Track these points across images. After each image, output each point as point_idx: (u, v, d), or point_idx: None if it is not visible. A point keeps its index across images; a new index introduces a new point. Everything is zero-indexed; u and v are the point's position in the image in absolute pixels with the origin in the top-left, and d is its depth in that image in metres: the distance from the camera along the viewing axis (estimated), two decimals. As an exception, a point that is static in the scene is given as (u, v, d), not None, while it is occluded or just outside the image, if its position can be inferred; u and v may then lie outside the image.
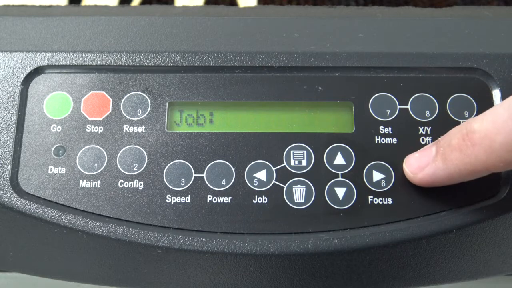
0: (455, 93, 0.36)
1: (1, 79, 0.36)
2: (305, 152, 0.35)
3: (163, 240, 0.33)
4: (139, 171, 0.35)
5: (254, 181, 0.35)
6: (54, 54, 0.37)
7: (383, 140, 0.35)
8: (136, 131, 0.36)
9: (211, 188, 0.35)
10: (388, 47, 0.37)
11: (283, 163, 0.35)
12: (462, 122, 0.35)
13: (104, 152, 0.35)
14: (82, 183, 0.35)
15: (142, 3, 0.64)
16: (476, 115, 0.34)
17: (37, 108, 0.36)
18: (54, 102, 0.36)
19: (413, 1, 0.62)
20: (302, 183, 0.35)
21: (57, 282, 0.39)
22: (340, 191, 0.35)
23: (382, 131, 0.35)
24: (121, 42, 0.38)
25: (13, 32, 0.38)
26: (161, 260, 0.35)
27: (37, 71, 0.37)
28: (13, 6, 0.43)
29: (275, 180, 0.35)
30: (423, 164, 0.33)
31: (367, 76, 0.36)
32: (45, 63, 0.37)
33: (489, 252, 0.36)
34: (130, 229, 0.34)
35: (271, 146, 0.35)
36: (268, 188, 0.35)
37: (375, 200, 0.34)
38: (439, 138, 0.33)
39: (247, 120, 0.36)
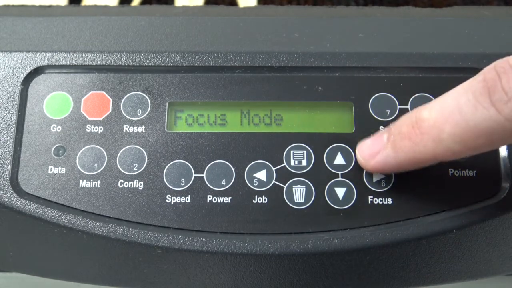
0: (455, 93, 0.36)
1: (1, 79, 0.36)
2: (305, 152, 0.35)
3: (163, 240, 0.33)
4: (139, 171, 0.35)
5: (254, 181, 0.35)
6: (54, 54, 0.37)
7: (383, 140, 0.35)
8: (136, 131, 0.36)
9: (211, 188, 0.35)
10: (388, 47, 0.37)
11: (283, 163, 0.35)
12: None
13: (104, 152, 0.35)
14: (82, 183, 0.35)
15: (142, 3, 0.64)
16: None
17: (37, 108, 0.36)
18: (54, 102, 0.36)
19: (413, 1, 0.62)
20: (302, 183, 0.35)
21: (57, 282, 0.39)
22: (340, 191, 0.35)
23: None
24: (121, 42, 0.38)
25: (13, 32, 0.38)
26: (161, 260, 0.35)
27: (37, 71, 0.37)
28: (13, 6, 0.43)
29: (275, 180, 0.35)
30: (375, 151, 0.33)
31: (367, 76, 0.36)
32: (45, 63, 0.37)
33: (489, 252, 0.36)
34: (130, 229, 0.34)
35: (271, 146, 0.35)
36: (268, 188, 0.35)
37: (375, 200, 0.34)
38: (391, 125, 0.33)
39: (247, 120, 0.36)
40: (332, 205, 0.34)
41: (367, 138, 0.34)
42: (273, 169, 0.35)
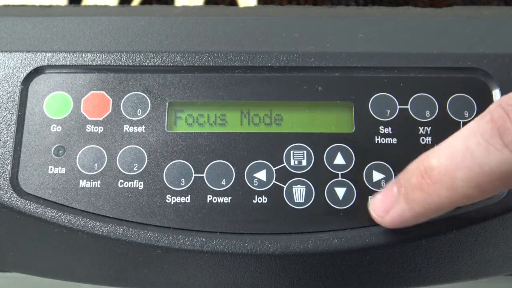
0: (455, 93, 0.36)
1: (1, 79, 0.36)
2: (305, 152, 0.35)
3: (163, 240, 0.33)
4: (139, 171, 0.35)
5: (254, 181, 0.35)
6: (54, 54, 0.37)
7: (383, 140, 0.35)
8: (136, 131, 0.36)
9: (211, 188, 0.35)
10: (388, 47, 0.37)
11: (283, 163, 0.35)
12: (462, 123, 0.35)
13: (104, 152, 0.35)
14: (82, 183, 0.35)
15: (142, 3, 0.64)
16: (476, 115, 0.34)
17: (37, 108, 0.36)
18: (54, 102, 0.36)
19: (413, 1, 0.62)
20: (302, 183, 0.35)
21: (57, 282, 0.39)
22: (340, 191, 0.35)
23: (382, 131, 0.35)
24: (121, 42, 0.38)
25: (13, 32, 0.38)
26: (161, 260, 0.35)
27: (37, 71, 0.37)
28: (13, 6, 0.43)
29: (275, 180, 0.35)
30: (388, 207, 0.31)
31: (367, 76, 0.36)
32: (45, 63, 0.37)
33: (489, 252, 0.36)
34: (130, 229, 0.34)
35: (271, 146, 0.35)
36: (268, 188, 0.35)
37: (375, 200, 0.34)
38: (399, 175, 0.32)
39: (247, 120, 0.36)
40: (332, 205, 0.34)
41: (378, 193, 0.33)
42: (273, 169, 0.35)
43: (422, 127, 0.35)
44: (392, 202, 0.31)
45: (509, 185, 0.27)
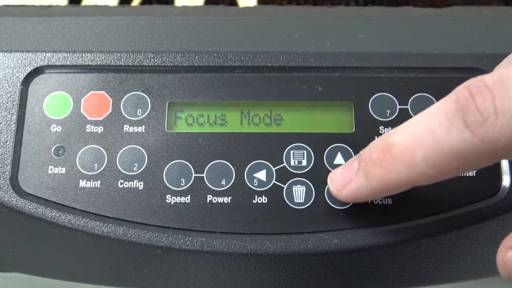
0: (455, 93, 0.36)
1: (1, 79, 0.36)
2: (305, 152, 0.35)
3: (163, 240, 0.34)
4: (139, 171, 0.35)
5: (254, 181, 0.35)
6: (54, 54, 0.37)
7: (383, 140, 0.35)
8: (136, 131, 0.36)
9: (211, 188, 0.35)
10: (388, 47, 0.37)
11: (283, 163, 0.35)
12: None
13: (104, 152, 0.35)
14: (82, 183, 0.35)
15: (142, 3, 0.64)
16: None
17: (37, 108, 0.36)
18: (54, 102, 0.36)
19: (413, 1, 0.62)
20: (302, 183, 0.35)
21: (57, 282, 0.39)
22: (340, 191, 0.34)
23: (382, 131, 0.35)
24: (121, 42, 0.38)
25: (13, 32, 0.38)
26: (161, 260, 0.35)
27: (37, 71, 0.37)
28: (13, 6, 0.43)
29: (275, 180, 0.35)
30: (347, 181, 0.32)
31: (367, 76, 0.36)
32: (45, 63, 0.37)
33: (489, 252, 0.36)
34: (130, 229, 0.34)
35: (271, 146, 0.35)
36: (268, 188, 0.35)
37: (375, 200, 0.34)
38: (361, 151, 0.32)
39: (247, 120, 0.36)
40: (332, 205, 0.34)
41: (338, 168, 0.33)
42: (273, 169, 0.35)
43: (422, 127, 0.35)
44: (351, 177, 0.31)
45: (468, 167, 0.27)
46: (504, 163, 0.35)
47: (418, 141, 0.27)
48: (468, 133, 0.26)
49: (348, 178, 0.32)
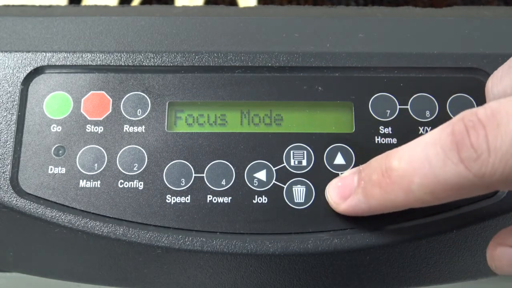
0: (455, 93, 0.36)
1: (1, 79, 0.36)
2: (305, 152, 0.35)
3: (163, 240, 0.33)
4: (139, 171, 0.35)
5: (254, 181, 0.35)
6: (54, 54, 0.37)
7: (383, 140, 0.35)
8: (136, 131, 0.36)
9: (211, 188, 0.35)
10: (388, 47, 0.37)
11: (283, 163, 0.35)
12: None
13: (104, 152, 0.35)
14: (82, 183, 0.35)
15: (142, 3, 0.64)
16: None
17: (37, 108, 0.36)
18: (54, 102, 0.36)
19: (413, 1, 0.62)
20: (302, 183, 0.35)
21: (57, 282, 0.39)
22: (340, 191, 0.34)
23: (382, 131, 0.35)
24: (121, 42, 0.38)
25: (13, 32, 0.38)
26: (161, 260, 0.35)
27: (37, 71, 0.37)
28: (13, 6, 0.43)
29: (275, 180, 0.35)
30: (346, 195, 0.32)
31: (367, 76, 0.36)
32: (45, 63, 0.37)
33: (489, 252, 0.36)
34: (130, 229, 0.34)
35: (271, 146, 0.35)
36: (268, 188, 0.35)
37: (375, 200, 0.34)
38: (361, 167, 0.32)
39: (247, 120, 0.36)
40: (332, 205, 0.34)
41: (337, 179, 0.34)
42: (273, 169, 0.35)
43: (422, 127, 0.35)
44: (350, 192, 0.32)
45: (463, 195, 0.28)
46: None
47: (415, 169, 0.28)
48: (462, 168, 0.27)
49: (347, 193, 0.32)
